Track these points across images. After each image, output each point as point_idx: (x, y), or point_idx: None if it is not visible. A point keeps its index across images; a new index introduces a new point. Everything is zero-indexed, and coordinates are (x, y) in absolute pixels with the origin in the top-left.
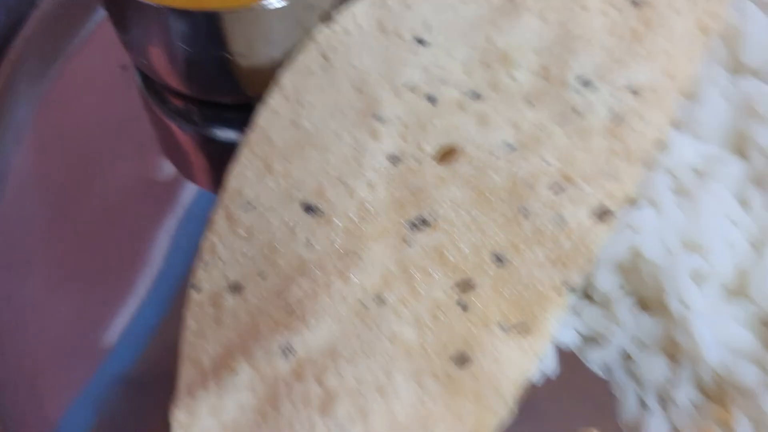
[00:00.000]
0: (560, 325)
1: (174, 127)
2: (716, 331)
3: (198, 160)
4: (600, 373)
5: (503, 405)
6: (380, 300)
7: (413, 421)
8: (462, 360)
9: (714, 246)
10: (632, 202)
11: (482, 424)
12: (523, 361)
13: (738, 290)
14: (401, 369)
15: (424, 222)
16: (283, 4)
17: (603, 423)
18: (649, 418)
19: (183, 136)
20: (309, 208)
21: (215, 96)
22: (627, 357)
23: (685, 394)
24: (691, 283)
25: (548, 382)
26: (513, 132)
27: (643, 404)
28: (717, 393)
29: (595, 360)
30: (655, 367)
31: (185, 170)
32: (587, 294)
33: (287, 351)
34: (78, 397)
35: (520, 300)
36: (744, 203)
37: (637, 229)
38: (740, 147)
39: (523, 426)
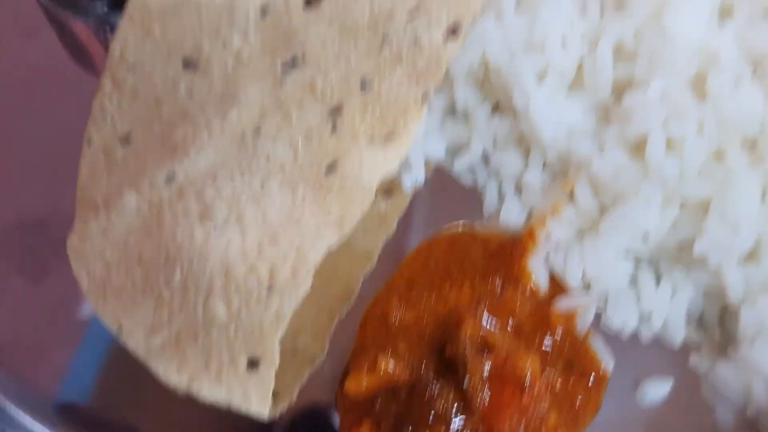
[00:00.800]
0: (429, 141)
1: (69, 19)
2: (556, 117)
3: (96, 49)
4: (465, 179)
5: (367, 196)
6: (257, 130)
7: (285, 218)
8: (332, 169)
9: (552, 45)
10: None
11: (348, 213)
12: (385, 162)
13: (576, 83)
14: (276, 180)
15: (295, 60)
16: None
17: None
18: (506, 204)
19: (79, 28)
20: (188, 63)
21: None
22: (486, 158)
23: (534, 177)
24: (531, 78)
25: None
26: None
27: (501, 196)
28: (561, 170)
29: (460, 166)
30: (509, 160)
31: (87, 64)
32: (451, 111)
33: (170, 178)
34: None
35: (385, 115)
36: (582, 10)
37: (482, 38)
38: None
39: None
